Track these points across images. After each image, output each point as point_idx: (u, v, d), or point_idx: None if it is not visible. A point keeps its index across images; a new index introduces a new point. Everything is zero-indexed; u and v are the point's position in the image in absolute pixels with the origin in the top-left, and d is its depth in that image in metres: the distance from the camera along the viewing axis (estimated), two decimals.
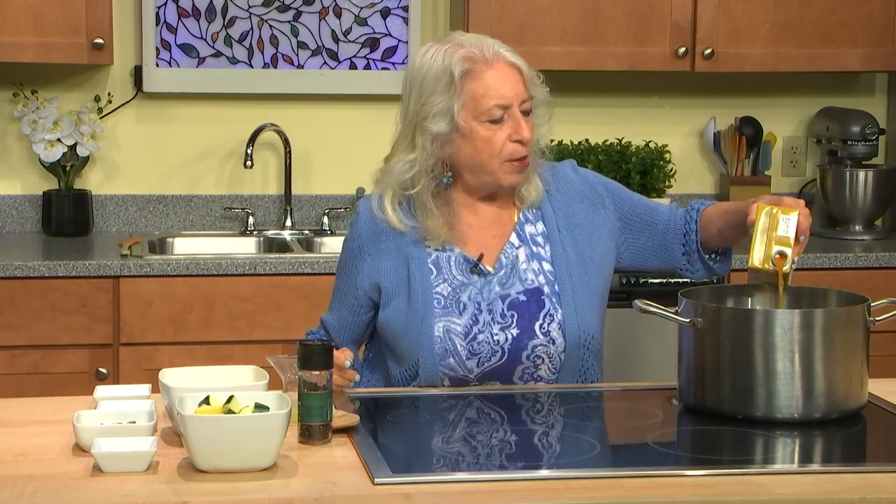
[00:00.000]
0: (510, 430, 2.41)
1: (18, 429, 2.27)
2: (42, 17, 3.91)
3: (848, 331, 2.34)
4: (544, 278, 2.66)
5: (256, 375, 2.31)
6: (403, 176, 2.64)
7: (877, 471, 2.08)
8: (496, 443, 2.31)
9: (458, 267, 2.67)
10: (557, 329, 2.63)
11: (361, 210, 2.72)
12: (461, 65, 2.58)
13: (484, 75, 2.59)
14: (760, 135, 4.45)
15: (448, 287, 2.65)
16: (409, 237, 2.67)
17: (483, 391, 2.58)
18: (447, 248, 2.68)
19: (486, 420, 2.47)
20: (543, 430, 2.40)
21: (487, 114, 2.58)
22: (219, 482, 1.99)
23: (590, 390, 2.64)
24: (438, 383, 2.61)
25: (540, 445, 2.30)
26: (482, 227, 2.70)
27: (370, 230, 2.70)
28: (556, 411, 2.50)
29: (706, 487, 2.00)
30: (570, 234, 2.70)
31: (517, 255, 2.68)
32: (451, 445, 2.27)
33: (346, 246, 2.74)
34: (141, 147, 4.31)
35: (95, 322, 3.73)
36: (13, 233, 4.26)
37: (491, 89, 2.58)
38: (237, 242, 4.26)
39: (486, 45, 2.62)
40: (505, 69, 2.60)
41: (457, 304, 2.64)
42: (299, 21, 4.30)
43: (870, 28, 4.23)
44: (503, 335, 2.62)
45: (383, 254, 2.68)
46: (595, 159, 4.28)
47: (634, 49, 4.15)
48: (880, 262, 4.02)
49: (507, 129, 2.59)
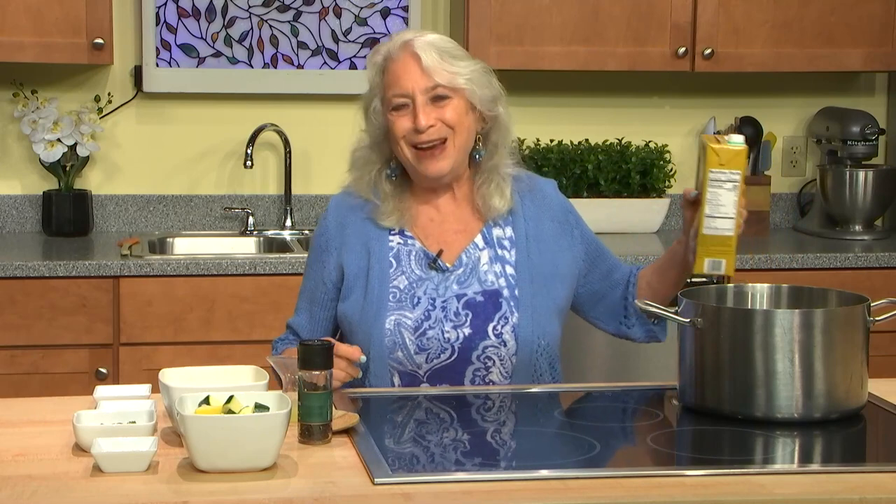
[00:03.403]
0: (510, 430, 2.41)
1: (18, 429, 2.27)
2: (42, 17, 3.91)
3: (848, 331, 2.34)
4: (505, 282, 2.68)
5: (256, 375, 2.31)
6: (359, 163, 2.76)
7: (877, 471, 2.08)
8: (496, 443, 2.31)
9: (417, 261, 2.70)
10: (510, 332, 2.64)
11: (329, 206, 2.79)
12: (380, 64, 2.70)
13: (390, 69, 2.68)
14: (760, 135, 4.45)
15: (405, 280, 2.68)
16: (373, 230, 2.71)
17: (483, 391, 2.59)
18: (409, 241, 2.71)
19: (485, 420, 2.47)
20: (543, 431, 2.40)
21: (391, 103, 2.66)
22: (219, 482, 1.99)
23: (590, 390, 2.64)
24: (388, 378, 2.62)
25: (540, 445, 2.30)
26: (443, 223, 2.73)
27: (336, 224, 2.75)
28: (555, 411, 2.50)
29: (706, 487, 2.00)
30: (538, 245, 2.73)
31: (480, 256, 2.70)
32: (451, 445, 2.27)
33: (314, 242, 2.78)
34: (141, 147, 4.31)
35: (95, 322, 3.73)
36: (13, 233, 4.26)
37: (393, 81, 2.67)
38: (237, 242, 4.26)
39: (404, 38, 2.69)
40: (406, 60, 2.66)
41: (411, 299, 2.66)
42: (299, 21, 4.30)
43: (870, 28, 4.23)
44: (454, 333, 2.63)
45: (348, 246, 2.72)
46: (595, 159, 4.28)
47: (634, 49, 4.15)
48: (880, 262, 4.02)
49: (412, 116, 2.65)
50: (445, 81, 2.64)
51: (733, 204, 2.47)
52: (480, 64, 2.72)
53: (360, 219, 2.73)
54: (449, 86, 2.64)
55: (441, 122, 2.64)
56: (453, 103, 2.65)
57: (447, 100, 2.65)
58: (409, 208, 2.73)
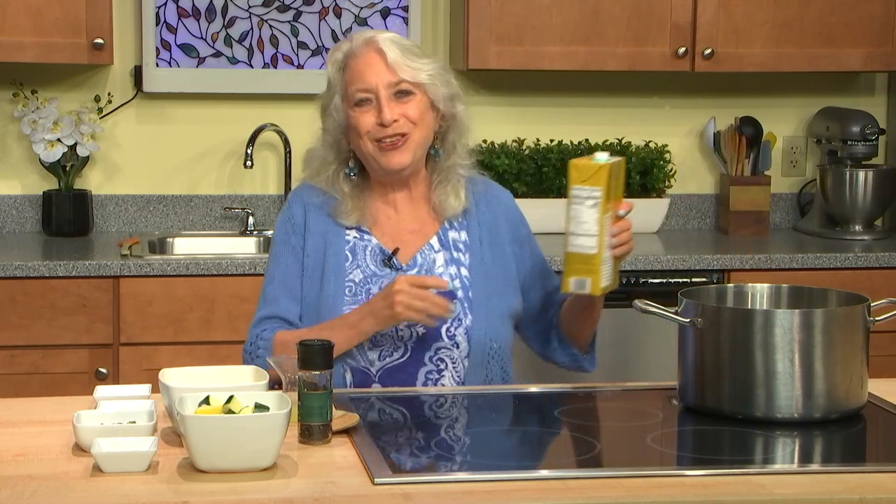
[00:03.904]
0: (510, 430, 2.41)
1: (18, 429, 2.27)
2: (42, 17, 3.91)
3: (848, 331, 2.34)
4: (460, 283, 2.69)
5: (256, 375, 2.32)
6: (315, 163, 2.77)
7: (877, 471, 2.08)
8: (496, 443, 2.31)
9: (372, 257, 2.71)
10: (463, 334, 2.65)
11: (292, 197, 2.80)
12: (340, 61, 2.71)
13: (352, 65, 2.69)
14: (760, 135, 4.44)
15: (360, 274, 2.69)
16: (331, 223, 2.72)
17: (482, 391, 2.59)
18: (365, 237, 2.72)
19: (485, 420, 2.47)
20: (543, 430, 2.40)
21: (353, 98, 2.67)
22: (219, 482, 1.99)
23: (590, 390, 2.64)
24: (340, 374, 2.63)
25: (540, 445, 2.30)
26: (400, 222, 2.74)
27: (301, 214, 2.75)
28: (555, 411, 2.50)
29: (706, 487, 2.00)
30: (491, 250, 2.74)
31: (435, 258, 2.71)
32: (450, 445, 2.27)
33: (281, 230, 2.76)
34: (141, 147, 4.31)
35: (95, 322, 3.73)
36: (13, 233, 4.26)
37: (356, 76, 2.67)
38: (237, 242, 4.26)
39: (365, 35, 2.71)
40: (370, 56, 2.67)
41: (367, 294, 2.67)
42: (299, 21, 4.30)
43: (870, 28, 4.23)
44: (408, 332, 2.64)
45: (310, 234, 2.73)
46: None
47: (634, 49, 4.15)
48: (880, 262, 4.02)
49: (375, 112, 2.66)
50: (409, 77, 2.66)
51: (595, 221, 2.47)
52: (440, 63, 2.74)
53: (321, 211, 2.74)
54: (412, 81, 2.66)
55: (404, 118, 2.66)
56: (416, 99, 2.67)
57: (410, 95, 2.66)
58: (368, 206, 2.74)
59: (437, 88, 2.69)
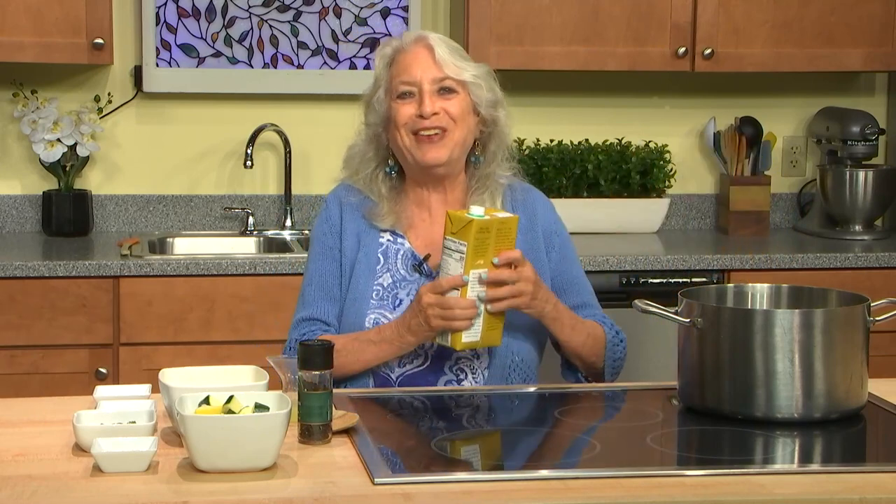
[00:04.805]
0: (510, 430, 2.41)
1: (18, 429, 2.27)
2: (42, 17, 3.91)
3: (848, 331, 2.34)
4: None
5: (256, 375, 2.31)
6: (355, 160, 2.77)
7: (877, 471, 2.08)
8: (496, 443, 2.31)
9: (403, 261, 2.71)
10: None
11: (330, 197, 2.80)
12: (389, 55, 2.72)
13: (399, 59, 2.70)
14: (760, 135, 4.45)
15: (390, 278, 2.69)
16: (365, 224, 2.72)
17: (482, 391, 2.58)
18: (398, 240, 2.71)
19: (485, 420, 2.47)
20: (543, 430, 2.40)
21: (397, 91, 2.68)
22: (219, 482, 1.99)
23: (590, 390, 2.64)
24: (364, 381, 2.62)
25: (540, 445, 2.30)
26: (433, 225, 2.73)
27: (338, 213, 2.75)
28: (555, 411, 2.50)
29: (706, 487, 2.00)
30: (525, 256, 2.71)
31: None
32: (450, 445, 2.26)
33: (321, 231, 2.77)
34: (141, 147, 4.31)
35: (95, 322, 3.73)
36: (13, 233, 4.26)
37: (402, 69, 2.68)
38: (237, 242, 4.26)
39: (416, 34, 2.73)
40: (418, 51, 2.69)
41: (393, 299, 2.66)
42: (299, 21, 4.30)
43: (870, 28, 4.23)
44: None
45: (346, 233, 2.73)
46: (595, 159, 4.28)
47: (634, 49, 4.15)
48: (880, 262, 4.02)
49: (417, 104, 2.66)
50: (454, 74, 2.67)
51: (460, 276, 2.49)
52: (486, 68, 2.74)
53: (356, 213, 2.74)
54: (457, 79, 2.67)
55: (445, 113, 2.65)
56: (458, 98, 2.67)
57: (453, 93, 2.67)
58: (403, 210, 2.73)
59: (480, 91, 2.69)
